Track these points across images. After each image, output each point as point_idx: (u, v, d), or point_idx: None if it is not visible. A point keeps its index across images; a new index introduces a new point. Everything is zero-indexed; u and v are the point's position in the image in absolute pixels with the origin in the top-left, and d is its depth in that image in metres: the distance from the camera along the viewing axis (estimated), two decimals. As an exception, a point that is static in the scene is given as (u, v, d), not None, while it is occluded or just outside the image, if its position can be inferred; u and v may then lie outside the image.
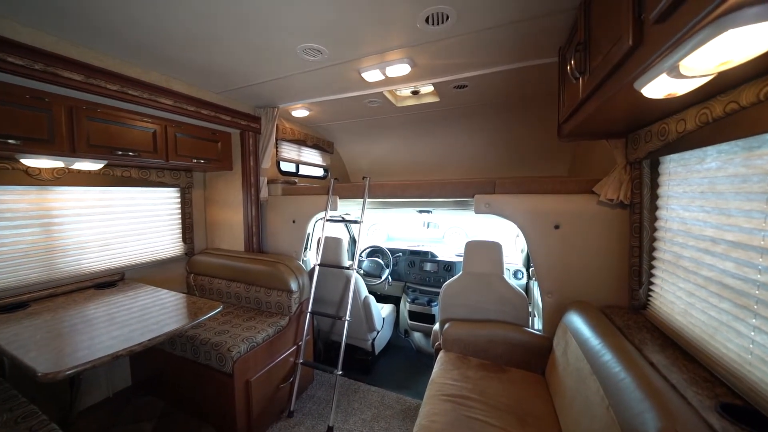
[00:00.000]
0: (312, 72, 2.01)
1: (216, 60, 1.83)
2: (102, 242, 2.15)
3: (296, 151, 3.26)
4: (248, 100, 2.56)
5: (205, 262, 2.56)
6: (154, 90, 1.91)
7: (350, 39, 1.63)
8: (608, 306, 1.66)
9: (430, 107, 2.73)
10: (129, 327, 1.47)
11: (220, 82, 2.16)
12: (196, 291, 2.60)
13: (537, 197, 1.84)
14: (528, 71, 1.98)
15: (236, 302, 2.42)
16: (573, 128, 1.51)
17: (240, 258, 2.47)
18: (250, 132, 2.62)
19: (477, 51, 1.77)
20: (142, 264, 2.39)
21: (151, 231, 2.44)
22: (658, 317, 1.41)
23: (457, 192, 2.09)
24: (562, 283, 1.79)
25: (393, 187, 2.29)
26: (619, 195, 1.59)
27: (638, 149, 1.46)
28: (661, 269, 1.44)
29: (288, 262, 2.33)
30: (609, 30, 0.96)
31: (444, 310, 2.14)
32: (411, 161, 3.65)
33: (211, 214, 2.83)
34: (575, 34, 1.37)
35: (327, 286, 2.58)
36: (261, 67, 1.95)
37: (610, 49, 0.93)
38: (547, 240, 1.81)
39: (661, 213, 1.45)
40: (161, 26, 1.48)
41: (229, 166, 2.64)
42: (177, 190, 2.61)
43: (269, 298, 2.26)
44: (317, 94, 2.44)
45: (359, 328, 2.58)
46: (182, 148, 2.21)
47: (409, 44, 1.69)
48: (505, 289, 2.00)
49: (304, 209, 2.58)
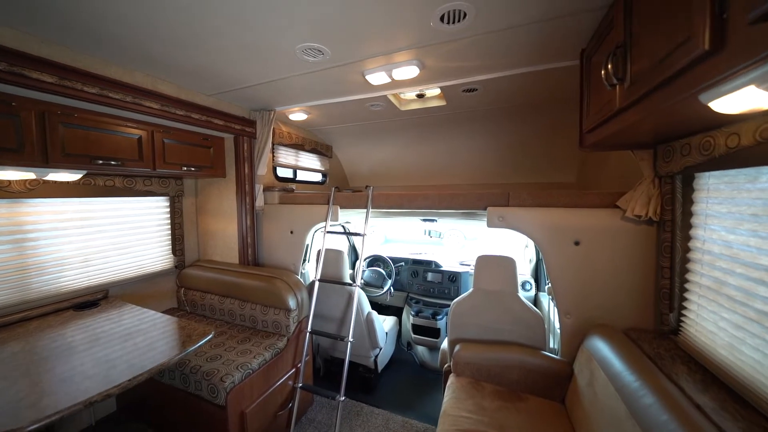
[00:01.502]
0: (312, 74, 1.86)
1: (207, 60, 1.67)
2: (82, 258, 1.97)
3: (294, 155, 3.10)
4: (243, 102, 2.40)
5: (196, 276, 2.40)
6: (139, 92, 1.74)
7: (355, 39, 1.49)
8: (631, 329, 1.55)
9: (435, 111, 2.59)
10: (108, 359, 1.31)
11: (212, 83, 2.00)
12: (187, 306, 2.43)
13: (555, 211, 1.72)
14: (543, 75, 1.86)
15: (230, 320, 2.26)
16: (601, 139, 1.38)
17: (234, 272, 2.31)
18: (244, 137, 2.46)
19: (492, 53, 1.64)
20: (128, 279, 2.21)
21: (138, 244, 2.27)
22: (693, 346, 1.30)
23: (468, 203, 1.95)
24: (581, 303, 1.68)
25: (398, 198, 2.15)
26: (648, 211, 1.47)
27: (672, 162, 1.33)
28: (696, 294, 1.32)
29: (286, 278, 2.17)
30: (664, 31, 0.82)
31: (453, 329, 2.00)
32: (413, 165, 3.51)
33: (203, 224, 2.66)
34: (606, 35, 1.25)
35: (327, 301, 2.43)
36: (256, 69, 1.79)
37: (669, 54, 0.79)
38: (566, 257, 1.69)
39: (696, 232, 1.33)
40: (144, 22, 1.32)
41: (222, 173, 2.47)
42: (166, 199, 2.44)
43: (266, 316, 2.11)
44: (317, 97, 2.28)
45: (362, 346, 2.43)
46: (171, 155, 2.04)
47: (420, 45, 1.55)
48: (519, 308, 1.87)
49: (303, 219, 2.43)
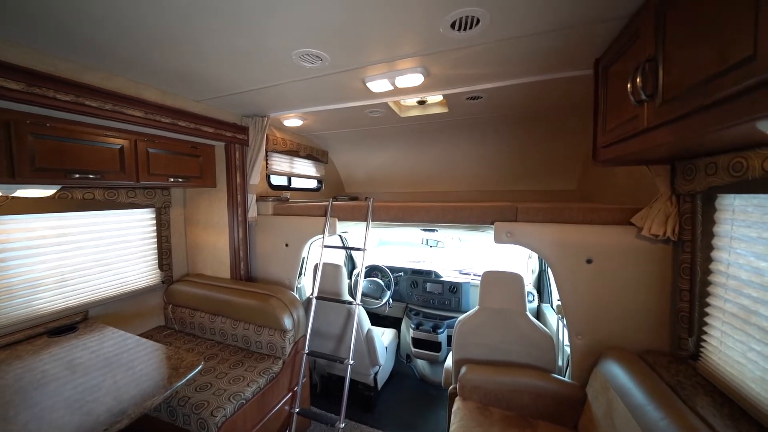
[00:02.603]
0: (309, 80, 1.74)
1: (196, 65, 1.54)
2: (59, 277, 1.81)
3: (288, 162, 2.97)
4: (234, 108, 2.26)
5: (184, 293, 2.25)
6: (120, 99, 1.60)
7: (356, 45, 1.38)
8: (646, 351, 1.49)
9: (436, 118, 2.49)
10: (84, 402, 1.17)
11: (202, 89, 1.86)
12: (175, 324, 2.29)
13: (566, 227, 1.65)
14: (551, 83, 1.79)
15: (221, 340, 2.12)
16: (619, 155, 1.30)
17: (225, 288, 2.17)
18: (236, 144, 2.32)
19: (501, 61, 1.55)
20: (111, 298, 2.06)
21: (121, 259, 2.12)
22: (716, 375, 1.23)
23: (474, 218, 1.87)
24: (594, 324, 1.61)
25: (400, 210, 2.04)
26: (666, 230, 1.40)
27: (694, 181, 1.26)
28: (718, 319, 1.25)
29: (281, 295, 2.05)
30: (714, 48, 0.74)
31: (458, 348, 1.91)
32: (411, 171, 3.42)
33: (192, 237, 2.51)
34: (629, 47, 1.16)
35: (325, 318, 2.31)
36: (250, 74, 1.67)
37: (721, 75, 0.71)
38: (578, 276, 1.62)
39: (719, 255, 1.26)
40: (124, 23, 1.19)
41: (212, 183, 2.33)
42: (152, 210, 2.28)
43: (260, 337, 1.98)
44: (314, 103, 2.16)
45: (361, 363, 2.32)
46: (156, 166, 1.89)
47: (426, 52, 1.44)
48: (528, 328, 1.78)
49: (299, 231, 2.30)
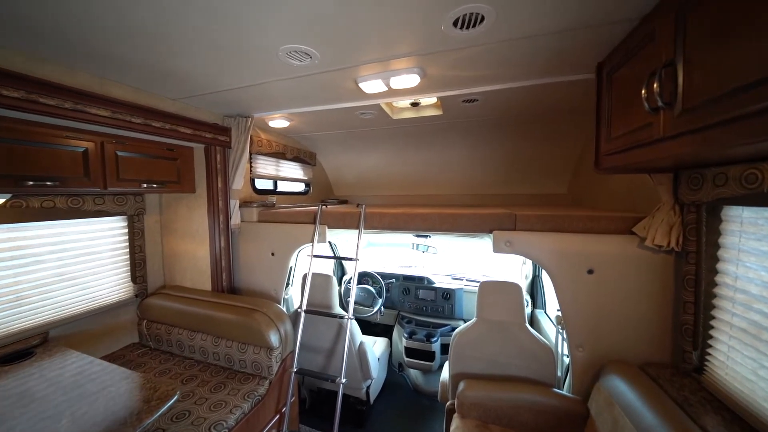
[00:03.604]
0: (297, 79, 1.62)
1: (171, 60, 1.39)
2: (13, 296, 1.62)
3: (274, 165, 2.82)
4: (215, 107, 2.10)
5: (161, 307, 2.08)
6: (83, 97, 1.43)
7: (349, 42, 1.27)
8: (648, 363, 1.46)
9: (429, 120, 2.41)
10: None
11: (179, 86, 1.70)
12: (151, 341, 2.11)
13: (566, 236, 1.60)
14: (549, 87, 1.74)
15: (202, 358, 1.96)
16: (625, 164, 1.25)
17: (205, 302, 2.01)
18: (217, 146, 2.16)
19: (502, 63, 1.47)
20: (76, 316, 1.86)
21: (88, 273, 1.92)
22: (724, 391, 1.19)
23: (471, 226, 1.79)
24: (595, 335, 1.57)
25: (394, 218, 1.94)
26: (670, 241, 1.36)
27: (701, 191, 1.23)
28: (725, 333, 1.22)
29: (266, 309, 1.91)
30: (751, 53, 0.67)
31: (456, 362, 1.83)
32: (402, 174, 3.33)
33: (169, 246, 2.33)
34: (640, 50, 1.11)
35: (315, 331, 2.18)
36: (231, 71, 1.53)
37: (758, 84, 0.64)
38: (579, 286, 1.58)
39: (725, 267, 1.23)
40: (86, 10, 1.04)
41: (191, 188, 2.16)
42: (123, 218, 2.09)
43: (244, 355, 1.84)
44: (302, 104, 2.03)
45: (353, 377, 2.21)
46: (126, 170, 1.72)
47: (425, 51, 1.35)
48: (528, 340, 1.72)
49: (286, 239, 2.17)
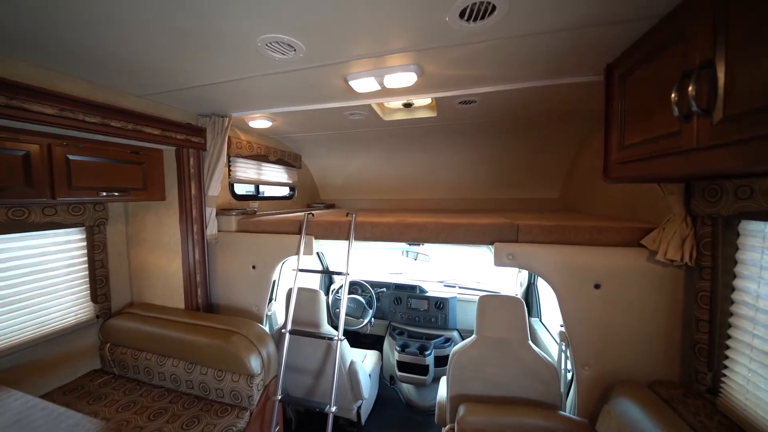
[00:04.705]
0: (280, 75, 1.44)
1: (130, 50, 1.19)
2: (-61, 326, 1.37)
3: (255, 168, 2.61)
4: (187, 106, 1.89)
5: (126, 329, 1.85)
6: (21, 92, 1.20)
7: (340, 33, 1.11)
8: (657, 382, 1.38)
9: (422, 122, 2.27)
10: None
11: (143, 81, 1.50)
12: (115, 368, 1.87)
13: (572, 249, 1.50)
14: (549, 90, 1.64)
15: (173, 387, 1.75)
16: (640, 174, 1.15)
17: (177, 323, 1.80)
18: (190, 148, 1.95)
19: (505, 63, 1.35)
20: (24, 344, 1.61)
21: (37, 294, 1.67)
22: (743, 417, 1.12)
23: (470, 237, 1.66)
24: (601, 353, 1.49)
25: (387, 228, 1.79)
26: (684, 255, 1.27)
27: (719, 204, 1.14)
28: (745, 356, 1.14)
29: (246, 330, 1.72)
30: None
31: (454, 383, 1.70)
32: (391, 177, 3.19)
33: (137, 259, 2.09)
34: (665, 49, 1.00)
35: (301, 352, 2.00)
36: (203, 65, 1.34)
37: None
38: (586, 302, 1.48)
39: (745, 285, 1.15)
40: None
41: (160, 195, 1.94)
42: (80, 230, 1.85)
43: (221, 383, 1.64)
44: (285, 103, 1.85)
45: (343, 398, 2.05)
46: (81, 177, 1.50)
47: (424, 46, 1.21)
48: (531, 359, 1.61)
49: (268, 251, 1.98)
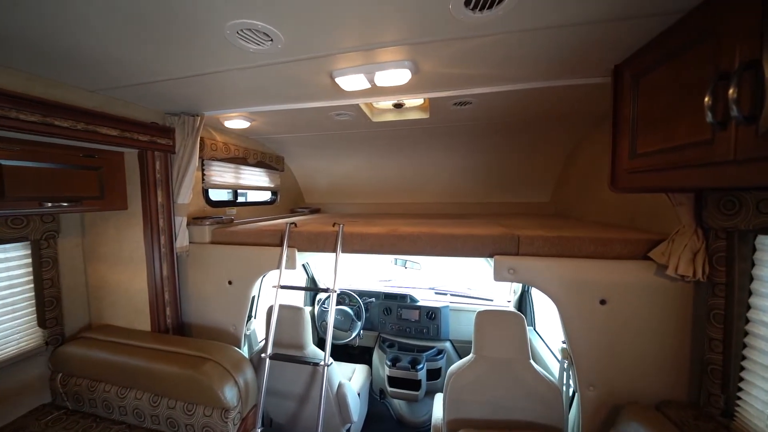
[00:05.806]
0: (256, 69, 1.27)
1: (74, 37, 0.99)
2: None
3: (233, 172, 2.41)
4: (152, 103, 1.68)
5: (82, 356, 1.62)
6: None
7: (324, 21, 0.95)
8: (665, 402, 1.31)
9: (413, 124, 2.14)
10: None
11: (97, 75, 1.29)
12: (68, 401, 1.63)
13: (576, 262, 1.41)
14: (548, 92, 1.54)
15: (136, 422, 1.54)
16: (652, 184, 1.06)
17: (142, 348, 1.59)
18: (156, 151, 1.73)
19: (506, 61, 1.24)
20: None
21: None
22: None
23: (468, 249, 1.54)
24: (607, 373, 1.40)
25: (378, 239, 1.64)
26: (696, 271, 1.19)
27: (737, 217, 1.07)
28: (762, 378, 1.08)
29: (220, 356, 1.53)
30: None
31: (451, 407, 1.57)
32: (380, 181, 3.05)
33: (96, 276, 1.85)
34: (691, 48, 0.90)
35: (284, 376, 1.81)
36: (165, 55, 1.15)
37: None
38: (591, 319, 1.39)
39: (762, 303, 1.09)
40: None
41: (121, 204, 1.72)
42: (23, 245, 1.60)
43: (191, 419, 1.44)
44: (264, 101, 1.67)
45: (330, 423, 1.89)
46: (17, 185, 1.27)
47: (421, 39, 1.07)
48: (533, 379, 1.51)
49: (246, 265, 1.79)
